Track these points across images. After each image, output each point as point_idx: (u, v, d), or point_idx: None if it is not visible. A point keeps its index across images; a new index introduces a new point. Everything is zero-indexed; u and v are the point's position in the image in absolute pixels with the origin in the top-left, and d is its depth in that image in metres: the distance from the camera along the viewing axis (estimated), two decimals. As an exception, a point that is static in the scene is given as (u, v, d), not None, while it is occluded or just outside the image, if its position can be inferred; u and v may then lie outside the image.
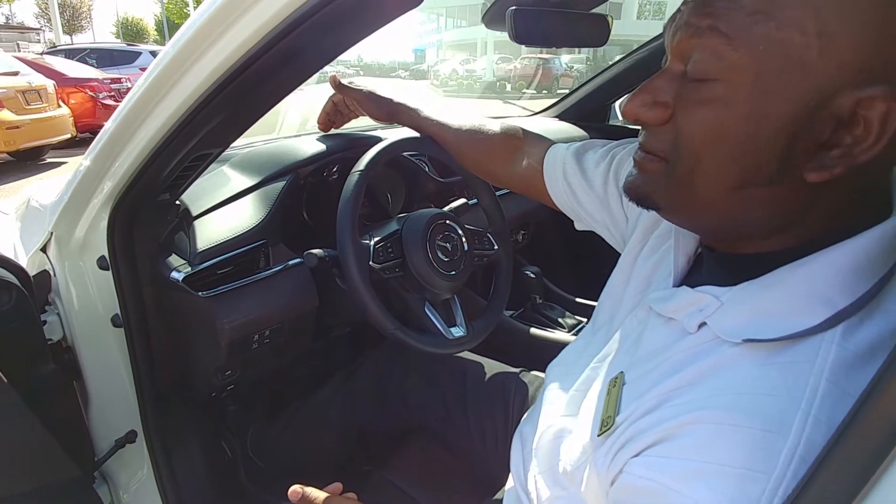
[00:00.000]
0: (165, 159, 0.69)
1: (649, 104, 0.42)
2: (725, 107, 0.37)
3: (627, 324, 0.54)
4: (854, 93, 0.33)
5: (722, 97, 0.37)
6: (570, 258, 1.78)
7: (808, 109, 0.35)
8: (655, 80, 0.42)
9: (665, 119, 0.41)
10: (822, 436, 0.32)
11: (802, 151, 0.36)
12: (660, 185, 0.44)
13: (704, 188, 0.40)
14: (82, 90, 6.27)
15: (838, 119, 0.35)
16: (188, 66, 0.57)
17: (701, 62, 0.38)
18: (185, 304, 0.87)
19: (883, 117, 0.33)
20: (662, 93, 0.41)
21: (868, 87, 0.33)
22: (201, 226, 0.88)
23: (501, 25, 1.02)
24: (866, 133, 0.34)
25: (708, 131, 0.38)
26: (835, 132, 0.35)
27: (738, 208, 0.40)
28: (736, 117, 0.37)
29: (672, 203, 0.44)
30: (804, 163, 0.36)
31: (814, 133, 0.35)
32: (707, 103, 0.38)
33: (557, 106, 1.82)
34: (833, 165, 0.35)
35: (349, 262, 0.81)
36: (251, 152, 1.05)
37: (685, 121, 0.40)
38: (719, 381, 0.37)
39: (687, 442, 0.36)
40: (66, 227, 0.85)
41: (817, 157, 0.36)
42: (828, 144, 0.35)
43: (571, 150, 0.75)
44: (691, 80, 0.39)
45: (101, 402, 0.97)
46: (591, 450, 0.45)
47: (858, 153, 0.34)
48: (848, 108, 0.34)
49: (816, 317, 0.36)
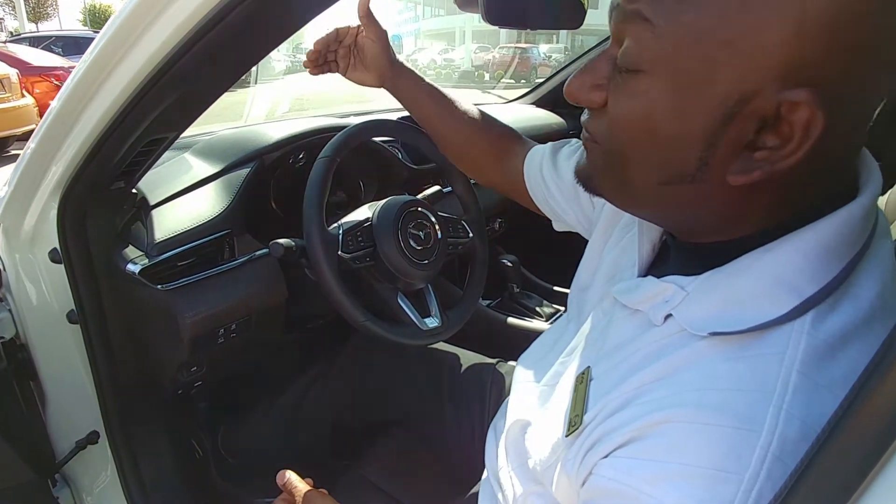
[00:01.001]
0: (116, 143, 0.65)
1: (588, 86, 0.40)
2: (648, 101, 0.35)
3: (594, 316, 0.52)
4: (777, 94, 0.31)
5: (645, 90, 0.35)
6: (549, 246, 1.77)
7: (728, 109, 0.33)
8: (595, 62, 0.40)
9: (601, 103, 0.39)
10: (795, 431, 0.31)
11: (725, 151, 0.34)
12: (598, 169, 0.43)
13: (635, 179, 0.39)
14: (48, 79, 6.05)
15: (762, 119, 0.32)
16: (133, 40, 0.53)
17: (627, 51, 0.35)
18: (144, 297, 0.83)
19: (806, 124, 0.31)
20: (599, 75, 0.39)
21: (791, 90, 0.31)
22: (160, 215, 0.83)
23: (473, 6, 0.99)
24: (790, 137, 0.32)
25: (632, 123, 0.37)
26: (760, 133, 0.33)
27: (669, 204, 0.39)
28: (657, 112, 0.35)
29: (611, 189, 0.43)
30: (728, 163, 0.34)
31: (736, 133, 0.33)
32: (632, 95, 0.36)
33: (534, 93, 1.81)
34: (753, 169, 0.33)
35: (316, 251, 0.78)
36: (214, 139, 1.01)
37: (614, 108, 0.38)
38: (687, 377, 0.36)
39: (656, 442, 0.34)
40: (14, 218, 0.80)
41: (741, 157, 0.34)
42: (752, 146, 0.33)
43: (549, 148, 0.73)
44: (620, 69, 0.37)
45: (59, 402, 0.93)
46: (560, 450, 0.44)
47: (779, 159, 0.32)
48: (771, 109, 0.32)
49: (784, 305, 0.34)
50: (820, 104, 0.30)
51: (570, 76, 0.41)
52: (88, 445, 0.92)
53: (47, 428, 0.94)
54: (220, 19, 0.49)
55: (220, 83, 0.62)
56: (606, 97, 0.39)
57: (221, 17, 0.48)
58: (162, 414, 1.01)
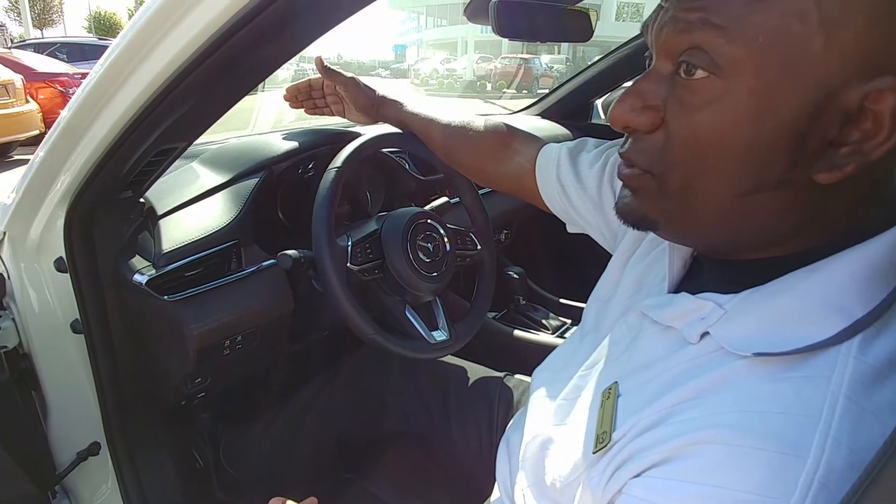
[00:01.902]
0: (126, 153, 0.64)
1: (639, 109, 0.38)
2: (725, 107, 0.34)
3: (617, 330, 0.51)
4: (862, 86, 0.31)
5: (720, 97, 0.34)
6: (554, 258, 1.77)
7: (814, 105, 0.32)
8: (642, 83, 0.39)
9: (657, 124, 0.38)
10: (842, 459, 0.30)
11: (811, 151, 0.33)
12: (653, 202, 0.40)
13: (704, 200, 0.37)
14: (52, 85, 6.07)
15: (846, 114, 0.32)
16: (147, 51, 0.52)
17: (694, 59, 0.35)
18: (150, 308, 0.82)
19: (894, 110, 0.31)
20: (652, 96, 0.38)
21: (875, 79, 0.31)
22: (167, 225, 0.83)
23: (484, 18, 0.99)
24: (877, 127, 0.32)
25: (707, 136, 0.35)
26: (842, 129, 0.33)
27: (743, 217, 0.37)
28: (737, 118, 0.34)
29: (669, 220, 0.41)
30: (813, 163, 0.34)
31: (822, 130, 0.33)
32: (704, 105, 0.35)
33: (540, 104, 1.81)
34: (844, 164, 0.33)
35: (325, 263, 0.77)
36: (222, 148, 1.00)
37: (678, 125, 0.37)
38: (727, 396, 0.35)
39: (693, 463, 0.33)
40: (21, 226, 0.79)
41: (827, 155, 0.33)
42: (836, 142, 0.33)
43: (565, 151, 0.72)
44: (685, 80, 0.36)
45: (61, 412, 0.91)
46: (584, 467, 0.43)
47: (870, 149, 0.32)
48: (855, 103, 0.32)
49: (831, 327, 0.33)
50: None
51: (612, 105, 0.40)
52: (89, 457, 0.91)
53: (48, 439, 0.92)
54: (235, 32, 0.48)
55: (232, 94, 0.61)
56: (661, 118, 0.38)
57: (236, 29, 0.48)
58: (164, 425, 1.00)
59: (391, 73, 29.63)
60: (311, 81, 0.99)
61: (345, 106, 0.96)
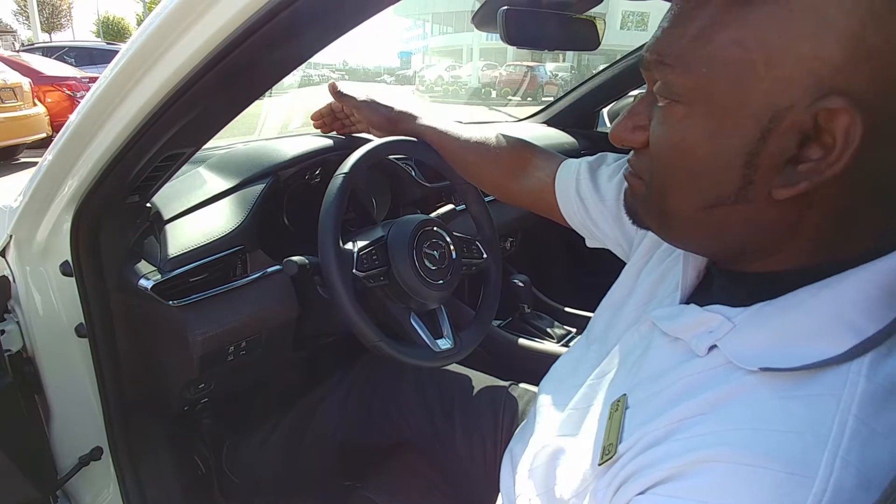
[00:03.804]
0: (134, 158, 0.64)
1: (630, 128, 0.44)
2: (684, 129, 0.38)
3: (628, 339, 0.51)
4: (811, 106, 0.32)
5: (681, 119, 0.38)
6: (559, 267, 1.76)
7: (763, 126, 0.34)
8: (637, 106, 0.44)
9: (645, 142, 0.43)
10: (851, 480, 0.29)
11: (766, 169, 0.35)
12: (642, 203, 0.45)
13: (677, 208, 0.41)
14: (59, 89, 6.11)
15: (802, 133, 0.33)
16: (157, 56, 0.52)
17: (660, 89, 0.39)
18: (155, 313, 0.81)
19: (846, 129, 0.31)
20: (640, 117, 0.43)
21: (824, 99, 0.31)
22: (173, 230, 0.83)
23: (492, 26, 0.99)
24: (832, 146, 0.32)
25: (671, 154, 0.39)
26: (803, 146, 0.33)
27: (714, 227, 0.40)
28: (694, 138, 0.37)
29: (656, 221, 0.45)
30: (770, 179, 0.35)
31: (776, 149, 0.34)
32: (669, 125, 0.39)
33: (546, 112, 1.81)
34: (798, 181, 0.33)
35: (331, 270, 0.77)
36: (229, 153, 1.00)
37: (654, 143, 0.41)
38: (734, 413, 0.34)
39: (700, 482, 0.32)
40: (27, 230, 0.79)
41: (785, 172, 0.34)
42: (795, 160, 0.34)
43: (585, 165, 0.73)
44: (659, 106, 0.40)
45: (64, 416, 0.91)
46: (591, 479, 0.42)
47: (824, 168, 0.32)
48: (808, 122, 0.32)
49: (841, 344, 0.33)
50: (857, 109, 0.30)
51: (613, 125, 0.45)
52: (91, 462, 0.91)
53: (50, 443, 0.92)
54: (245, 38, 0.48)
55: (240, 100, 0.61)
56: (647, 137, 0.42)
57: (246, 36, 0.48)
58: (166, 430, 0.99)
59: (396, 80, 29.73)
60: (331, 105, 1.01)
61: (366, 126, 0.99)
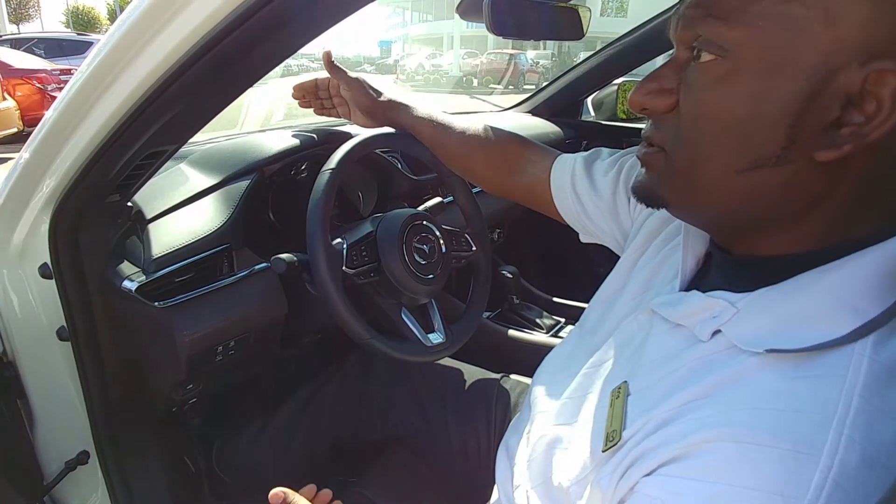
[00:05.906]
0: (114, 156, 0.62)
1: (654, 92, 0.42)
2: (729, 86, 0.37)
3: (626, 328, 0.51)
4: (863, 68, 0.32)
5: (725, 76, 0.37)
6: (547, 257, 1.76)
7: (814, 85, 0.34)
8: (661, 69, 0.42)
9: (671, 106, 0.41)
10: (856, 457, 0.30)
11: (811, 130, 0.35)
12: (663, 178, 0.43)
13: (708, 174, 0.40)
14: (29, 82, 5.95)
15: (847, 96, 0.33)
16: (138, 49, 0.50)
17: (703, 45, 0.37)
18: (140, 315, 0.80)
19: (894, 92, 0.32)
20: (667, 80, 0.41)
21: (876, 61, 0.32)
22: (157, 230, 0.80)
23: (477, 16, 0.98)
24: (878, 109, 0.32)
25: (710, 113, 0.38)
26: (845, 111, 0.34)
27: (746, 193, 0.39)
28: (740, 95, 0.36)
29: (677, 196, 0.43)
30: (812, 142, 0.35)
31: (822, 111, 0.34)
32: (711, 84, 0.38)
33: (530, 101, 1.80)
34: (843, 143, 0.34)
35: (321, 267, 0.76)
36: (211, 149, 0.98)
37: (686, 104, 0.40)
38: (740, 394, 0.35)
39: (707, 461, 0.33)
40: (3, 231, 0.77)
41: (827, 135, 0.34)
42: (838, 123, 0.34)
43: (580, 160, 0.72)
44: (696, 64, 0.39)
45: (48, 421, 0.89)
46: (592, 466, 0.43)
47: (870, 130, 0.33)
48: (857, 85, 0.33)
49: (845, 326, 0.34)
50: None
51: (633, 90, 0.43)
52: (78, 466, 0.89)
53: (35, 448, 0.90)
54: (228, 33, 0.47)
55: (224, 96, 0.60)
56: (675, 101, 0.41)
57: (229, 30, 0.46)
58: (154, 432, 0.98)
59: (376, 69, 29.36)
60: (317, 81, 0.97)
61: (350, 109, 0.94)
